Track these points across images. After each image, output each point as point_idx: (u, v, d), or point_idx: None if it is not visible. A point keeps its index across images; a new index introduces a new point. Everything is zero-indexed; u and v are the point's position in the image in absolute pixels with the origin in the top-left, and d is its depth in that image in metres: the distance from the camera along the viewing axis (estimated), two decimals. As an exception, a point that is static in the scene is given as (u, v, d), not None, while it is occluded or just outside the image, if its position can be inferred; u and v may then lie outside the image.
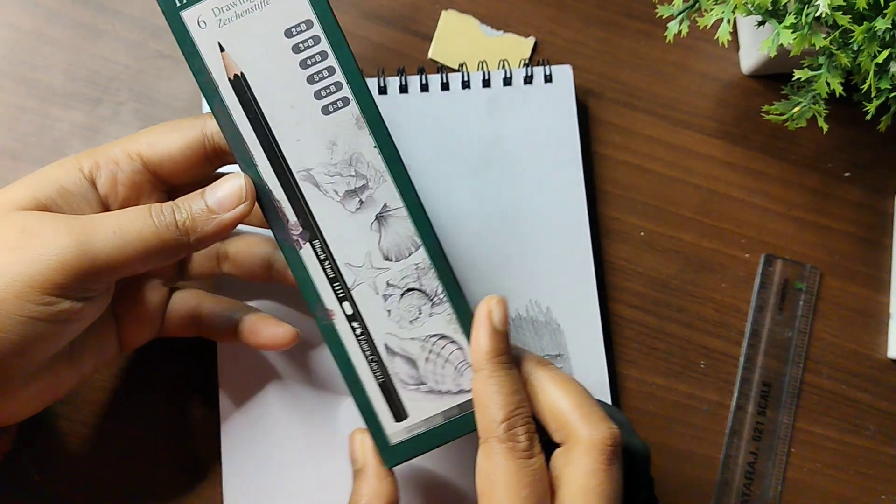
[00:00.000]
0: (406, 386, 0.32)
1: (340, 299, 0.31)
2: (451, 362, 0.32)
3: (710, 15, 0.36)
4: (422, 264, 0.31)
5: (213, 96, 0.30)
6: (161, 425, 0.40)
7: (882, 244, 0.45)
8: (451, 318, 0.32)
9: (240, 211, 0.30)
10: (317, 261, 0.31)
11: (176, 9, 0.30)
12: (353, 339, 0.32)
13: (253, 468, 0.39)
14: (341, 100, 0.30)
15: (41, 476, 0.39)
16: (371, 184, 0.31)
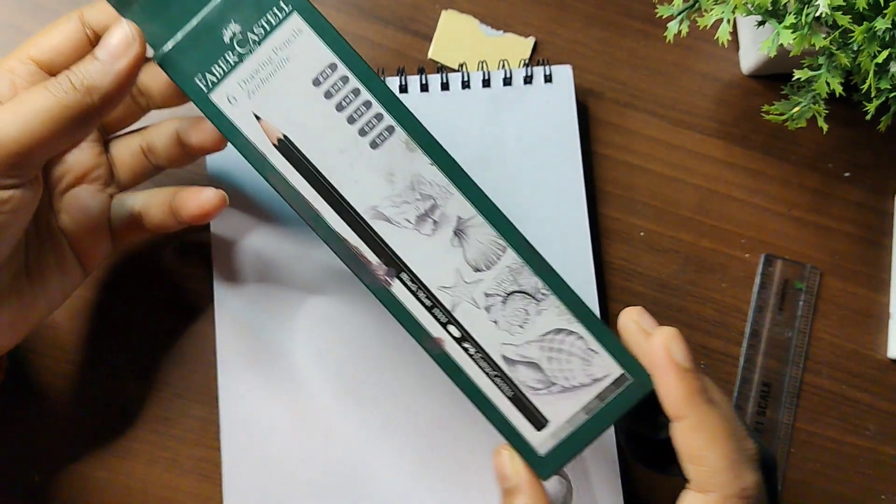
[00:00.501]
0: (536, 392, 0.31)
1: (444, 325, 0.30)
2: (575, 354, 0.31)
3: (710, 15, 0.36)
4: (513, 265, 0.31)
5: (263, 166, 0.30)
6: (161, 425, 0.40)
7: (882, 244, 0.45)
8: (560, 310, 0.31)
9: (133, 53, 0.29)
10: (410, 293, 0.30)
11: (204, 94, 0.30)
12: (470, 361, 0.31)
13: (253, 468, 0.39)
14: (386, 129, 0.30)
15: (41, 476, 0.39)
16: (439, 201, 0.30)
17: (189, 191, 0.36)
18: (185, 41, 0.30)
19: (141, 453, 0.40)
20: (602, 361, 0.31)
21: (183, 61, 0.30)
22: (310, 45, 0.30)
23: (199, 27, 0.30)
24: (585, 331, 0.31)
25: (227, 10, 0.30)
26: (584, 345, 0.31)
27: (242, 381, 0.39)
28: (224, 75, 0.30)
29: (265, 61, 0.30)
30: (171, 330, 0.41)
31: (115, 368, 0.40)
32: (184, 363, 0.40)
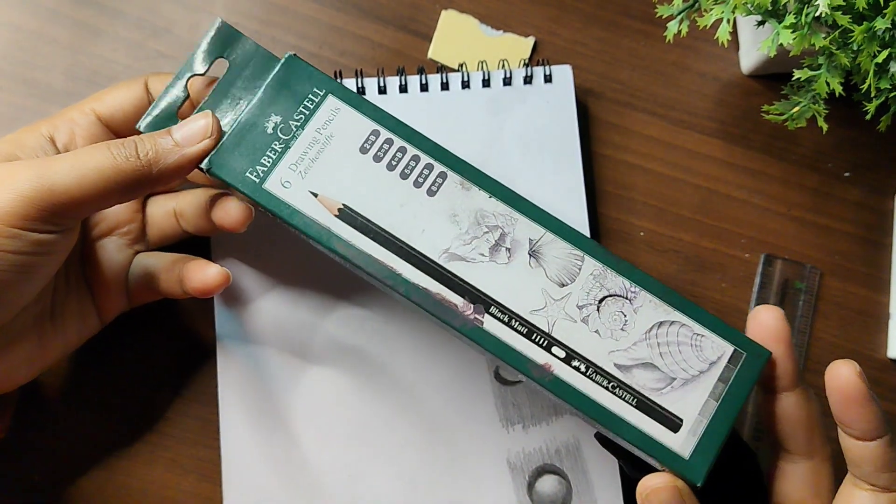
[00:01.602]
0: (660, 392, 0.30)
1: (547, 348, 0.30)
2: (684, 343, 0.30)
3: (710, 15, 0.36)
4: (596, 271, 0.31)
5: (330, 239, 0.31)
6: (161, 425, 0.40)
7: (882, 244, 0.45)
8: (656, 303, 0.30)
9: (204, 146, 0.31)
10: (504, 325, 0.30)
11: (257, 185, 0.31)
12: (584, 379, 0.30)
13: (253, 468, 0.39)
14: (438, 176, 0.31)
15: (41, 476, 0.39)
16: (507, 229, 0.31)
17: (195, 264, 0.36)
18: (230, 142, 0.31)
19: (141, 453, 0.40)
20: (712, 343, 0.30)
21: (231, 161, 0.31)
22: (350, 119, 0.31)
23: (241, 127, 0.31)
24: (685, 317, 0.30)
25: (266, 107, 0.31)
26: (689, 331, 0.30)
27: (242, 380, 0.39)
28: (274, 163, 0.31)
29: (311, 142, 0.31)
30: (170, 329, 0.41)
31: (114, 368, 0.40)
32: (184, 363, 0.40)
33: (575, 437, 0.40)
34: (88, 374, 0.40)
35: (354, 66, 0.44)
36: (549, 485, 0.40)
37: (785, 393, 0.30)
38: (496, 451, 0.40)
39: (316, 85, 0.32)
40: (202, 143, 0.31)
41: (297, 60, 0.32)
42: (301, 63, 0.32)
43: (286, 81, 0.32)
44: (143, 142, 0.30)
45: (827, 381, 0.30)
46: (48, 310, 0.34)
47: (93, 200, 0.30)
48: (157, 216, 0.38)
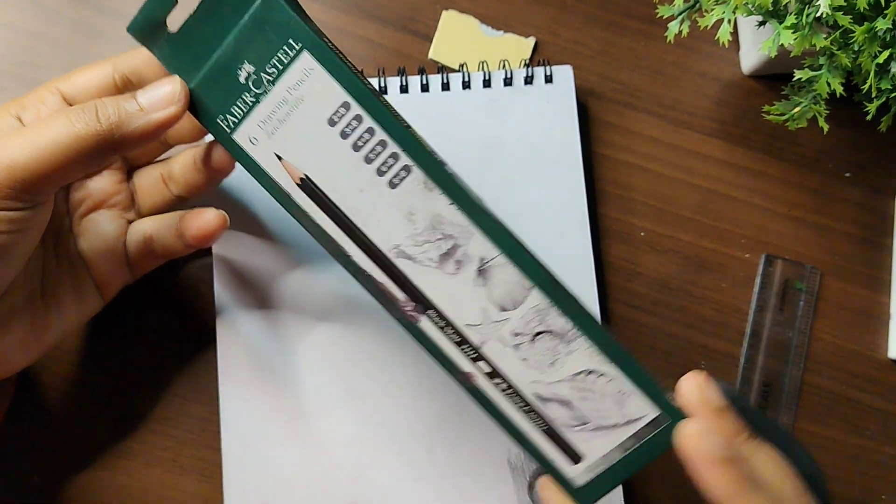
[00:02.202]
0: (571, 428, 0.31)
1: (474, 360, 0.31)
2: (607, 395, 0.30)
3: (711, 15, 0.36)
4: (541, 305, 0.30)
5: (289, 204, 0.31)
6: (161, 425, 0.40)
7: (882, 244, 0.45)
8: (591, 351, 0.30)
9: (172, 112, 0.30)
10: (438, 330, 0.31)
11: (227, 134, 0.31)
12: (501, 396, 0.31)
13: (253, 468, 0.39)
14: (402, 169, 0.30)
15: (41, 476, 0.39)
16: (461, 241, 0.30)
17: (192, 212, 0.36)
18: (205, 81, 0.30)
19: (141, 453, 0.40)
20: (638, 402, 0.30)
21: (205, 101, 0.30)
22: (322, 84, 0.30)
23: (216, 67, 0.30)
24: (618, 372, 0.30)
25: (240, 48, 0.30)
26: (616, 386, 0.30)
27: (243, 381, 0.39)
28: (244, 116, 0.30)
29: (280, 101, 0.30)
30: (171, 330, 0.41)
31: (114, 369, 0.40)
32: (184, 363, 0.40)
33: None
34: (89, 374, 0.40)
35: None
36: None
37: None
38: (496, 451, 0.40)
39: (292, 35, 0.29)
40: (169, 109, 0.30)
41: (276, 2, 0.29)
42: (281, 6, 0.29)
43: (262, 24, 0.29)
44: (104, 105, 0.29)
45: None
46: (38, 290, 0.34)
47: (55, 172, 0.29)
48: (145, 185, 0.37)
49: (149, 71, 0.33)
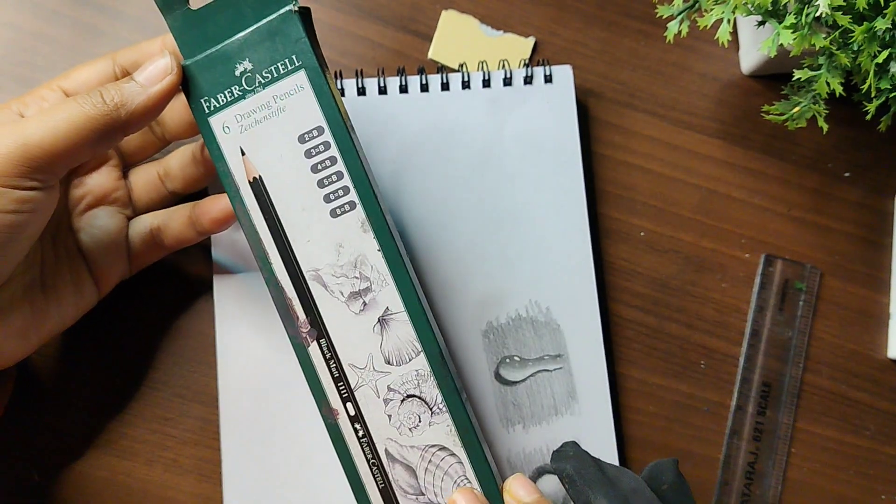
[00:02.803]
0: (406, 494, 0.32)
1: (344, 400, 0.32)
2: (450, 475, 0.32)
3: (710, 15, 0.36)
4: (422, 370, 0.32)
5: (235, 197, 0.32)
6: (161, 425, 0.40)
7: (882, 244, 0.45)
8: (450, 430, 0.32)
9: (168, 82, 0.31)
10: (323, 360, 0.32)
11: (205, 115, 0.32)
12: (356, 441, 0.32)
13: (253, 468, 0.39)
14: (348, 203, 0.32)
15: (41, 476, 0.39)
16: (374, 286, 0.32)
17: (208, 199, 0.37)
18: (204, 62, 0.32)
19: (141, 453, 0.40)
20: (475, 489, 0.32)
21: (197, 80, 0.32)
22: (306, 103, 0.32)
23: (218, 54, 0.32)
24: (467, 459, 0.32)
25: (246, 47, 0.32)
26: (461, 469, 0.32)
27: (242, 381, 0.39)
28: (225, 105, 0.32)
29: (264, 104, 0.32)
30: (171, 330, 0.41)
31: (114, 368, 0.40)
32: (184, 363, 0.40)
33: (575, 438, 0.40)
34: (89, 373, 0.40)
35: (354, 66, 0.44)
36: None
37: None
38: (496, 452, 0.40)
39: (297, 53, 0.32)
40: (165, 80, 0.31)
41: (294, 21, 0.31)
42: (297, 25, 0.31)
43: (275, 33, 0.32)
44: (107, 89, 0.31)
45: None
46: (38, 280, 0.34)
47: (68, 151, 0.30)
48: (141, 182, 0.39)
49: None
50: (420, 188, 0.42)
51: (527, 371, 0.41)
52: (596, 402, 0.41)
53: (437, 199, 0.41)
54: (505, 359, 0.41)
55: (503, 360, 0.41)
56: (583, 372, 0.41)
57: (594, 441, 0.40)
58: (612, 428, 0.41)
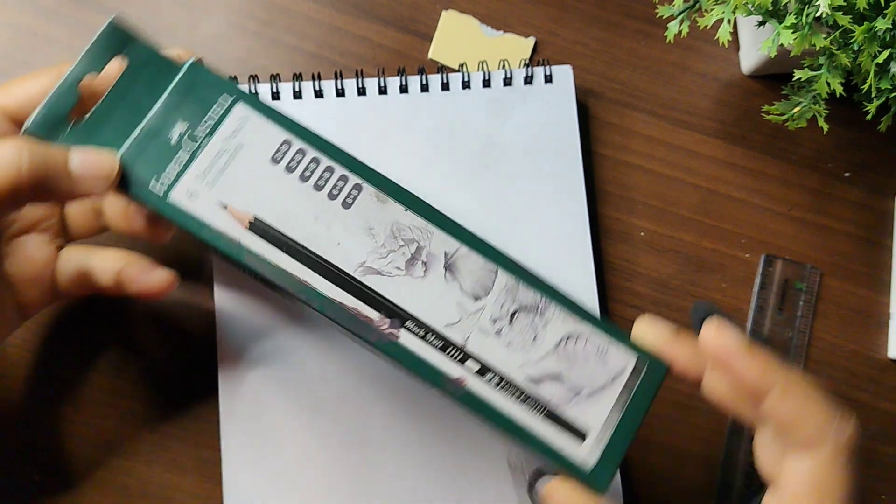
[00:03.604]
0: (567, 403, 0.30)
1: (461, 361, 0.30)
2: (590, 355, 0.31)
3: (711, 15, 0.36)
4: (508, 284, 0.31)
5: (239, 252, 0.30)
6: (161, 426, 0.40)
7: (882, 244, 0.45)
8: (564, 316, 0.31)
9: (99, 189, 0.29)
10: (420, 340, 0.30)
11: (161, 198, 0.30)
12: (495, 392, 0.30)
13: (253, 468, 0.39)
14: (353, 188, 0.31)
15: (41, 476, 0.39)
16: (423, 242, 0.31)
17: (137, 266, 0.35)
18: (132, 151, 0.30)
19: (141, 453, 0.40)
20: (616, 355, 0.31)
21: (133, 172, 0.30)
22: (260, 128, 0.30)
23: (144, 135, 0.30)
24: (592, 329, 0.31)
25: (170, 114, 0.30)
26: (594, 344, 0.31)
27: (242, 381, 0.39)
28: (180, 174, 0.30)
29: (219, 151, 0.30)
30: (171, 329, 0.41)
31: (114, 368, 0.40)
32: (183, 363, 0.40)
33: (575, 438, 0.40)
34: (88, 373, 0.40)
35: (354, 66, 0.44)
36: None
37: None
38: (496, 451, 0.40)
39: (223, 91, 0.30)
40: (98, 185, 0.29)
41: (200, 68, 0.31)
42: (204, 70, 0.31)
43: (191, 88, 0.30)
44: (34, 155, 0.28)
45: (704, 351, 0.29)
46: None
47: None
48: (77, 213, 0.36)
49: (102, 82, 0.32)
50: (419, 189, 0.41)
51: (527, 371, 0.41)
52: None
53: (437, 199, 0.41)
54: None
55: (503, 360, 0.41)
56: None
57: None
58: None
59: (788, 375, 0.28)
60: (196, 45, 0.43)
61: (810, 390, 0.28)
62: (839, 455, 0.27)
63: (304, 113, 0.42)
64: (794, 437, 0.28)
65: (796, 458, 0.28)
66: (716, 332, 0.29)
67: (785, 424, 0.28)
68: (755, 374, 0.28)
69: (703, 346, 0.29)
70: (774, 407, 0.28)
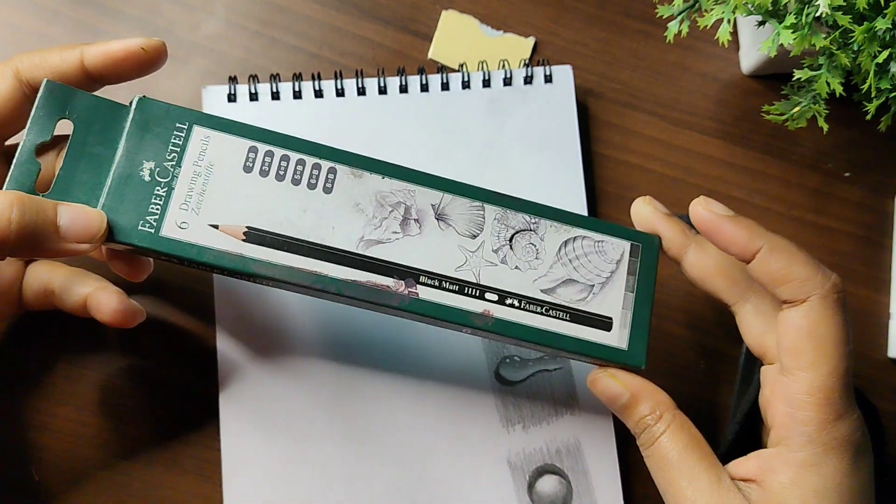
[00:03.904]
0: (585, 301, 0.33)
1: (481, 296, 0.32)
2: (590, 252, 0.33)
3: (710, 15, 0.36)
4: (497, 214, 0.33)
5: (245, 264, 0.30)
6: (161, 426, 0.40)
7: (882, 244, 0.45)
8: (556, 226, 0.33)
9: (85, 249, 0.29)
10: (437, 290, 0.32)
11: (154, 236, 0.30)
12: (520, 312, 0.32)
13: (253, 468, 0.39)
14: (329, 172, 0.32)
15: (41, 476, 0.39)
16: (409, 202, 0.32)
17: (107, 293, 0.35)
18: (110, 201, 0.30)
19: (141, 453, 0.40)
20: (612, 245, 0.33)
21: (118, 221, 0.30)
22: (223, 143, 0.31)
23: (116, 183, 0.30)
24: (583, 230, 0.33)
25: (134, 156, 0.30)
26: (590, 241, 0.33)
27: (243, 380, 0.39)
28: (164, 209, 0.30)
29: (193, 177, 0.31)
30: (170, 329, 0.41)
31: (114, 368, 0.40)
32: (184, 363, 0.40)
33: (575, 438, 0.40)
34: (88, 373, 0.40)
35: (354, 66, 0.44)
36: (549, 485, 0.40)
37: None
38: (496, 451, 0.40)
39: (177, 119, 0.31)
40: (85, 243, 0.28)
41: (148, 101, 0.31)
42: (153, 102, 0.31)
43: (145, 125, 0.30)
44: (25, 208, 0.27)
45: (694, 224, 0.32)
46: None
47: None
48: None
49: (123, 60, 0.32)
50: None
51: (527, 371, 0.41)
52: (596, 402, 0.41)
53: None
54: (505, 359, 0.41)
55: (503, 361, 0.41)
56: (583, 372, 0.41)
57: (594, 441, 0.40)
58: (611, 428, 0.41)
59: (772, 236, 0.30)
60: (196, 45, 0.43)
61: (794, 248, 0.30)
62: (827, 302, 0.29)
63: (304, 113, 0.42)
64: (784, 292, 0.30)
65: (788, 313, 0.30)
66: (704, 204, 0.31)
67: (774, 280, 0.30)
68: (743, 237, 0.30)
69: (693, 217, 0.31)
70: (763, 265, 0.30)
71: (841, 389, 0.29)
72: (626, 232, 0.33)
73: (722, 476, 0.30)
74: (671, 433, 0.31)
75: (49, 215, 0.28)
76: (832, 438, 0.29)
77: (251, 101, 0.42)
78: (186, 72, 0.43)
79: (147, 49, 0.31)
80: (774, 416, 0.30)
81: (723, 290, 0.33)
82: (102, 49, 0.31)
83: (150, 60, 0.31)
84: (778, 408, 0.30)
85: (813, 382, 0.29)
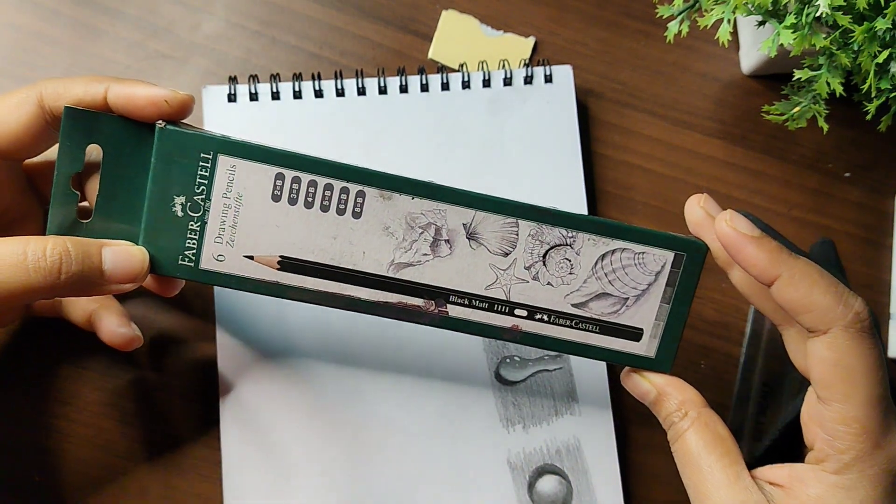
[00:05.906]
0: (617, 314, 0.32)
1: (510, 312, 0.32)
2: (629, 265, 0.32)
3: (711, 15, 0.36)
4: (532, 231, 0.32)
5: (282, 291, 0.31)
6: (161, 426, 0.40)
7: (882, 244, 0.45)
8: (594, 239, 0.32)
9: (129, 288, 0.29)
10: (466, 308, 0.32)
11: (195, 269, 0.31)
12: (549, 326, 0.32)
13: (253, 468, 0.39)
14: (357, 196, 0.31)
15: (41, 476, 0.39)
16: (439, 223, 0.31)
17: (109, 314, 0.35)
18: (148, 236, 0.30)
19: (141, 453, 0.40)
20: (654, 256, 0.32)
21: (157, 255, 0.30)
22: (250, 172, 0.30)
23: (151, 217, 0.30)
24: (623, 242, 0.32)
25: (164, 189, 0.30)
26: (630, 253, 0.32)
27: (242, 381, 0.39)
28: (200, 242, 0.30)
29: (223, 209, 0.30)
30: (171, 329, 0.41)
31: (114, 368, 0.40)
32: (184, 363, 0.40)
33: (575, 437, 0.40)
34: (88, 373, 0.40)
35: (354, 66, 0.44)
36: (549, 485, 0.40)
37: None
38: (496, 451, 0.40)
39: (201, 148, 0.30)
40: (128, 286, 0.29)
41: (169, 131, 0.30)
42: (175, 132, 0.30)
43: (170, 156, 0.30)
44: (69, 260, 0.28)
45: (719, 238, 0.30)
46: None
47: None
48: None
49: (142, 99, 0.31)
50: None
51: (527, 371, 0.41)
52: (596, 402, 0.41)
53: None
54: (505, 359, 0.41)
55: (503, 361, 0.41)
56: (583, 372, 0.41)
57: (594, 441, 0.40)
58: (612, 428, 0.41)
59: (795, 263, 0.29)
60: (196, 45, 0.43)
61: (816, 275, 0.29)
62: (851, 332, 0.28)
63: (304, 113, 0.42)
64: (806, 321, 0.29)
65: (814, 343, 0.29)
66: (728, 221, 0.30)
67: (794, 309, 0.29)
68: (762, 261, 0.29)
69: (717, 232, 0.30)
70: (782, 293, 0.29)
71: (878, 417, 0.28)
72: (672, 240, 0.32)
73: (741, 473, 0.30)
74: (695, 430, 0.31)
75: (95, 262, 0.29)
76: (869, 467, 0.29)
77: (251, 101, 0.42)
78: (186, 72, 0.43)
79: (171, 103, 0.30)
80: (813, 439, 0.30)
81: (769, 310, 0.32)
82: (128, 92, 0.30)
83: (172, 113, 0.31)
84: (817, 432, 0.30)
85: (848, 413, 0.28)
